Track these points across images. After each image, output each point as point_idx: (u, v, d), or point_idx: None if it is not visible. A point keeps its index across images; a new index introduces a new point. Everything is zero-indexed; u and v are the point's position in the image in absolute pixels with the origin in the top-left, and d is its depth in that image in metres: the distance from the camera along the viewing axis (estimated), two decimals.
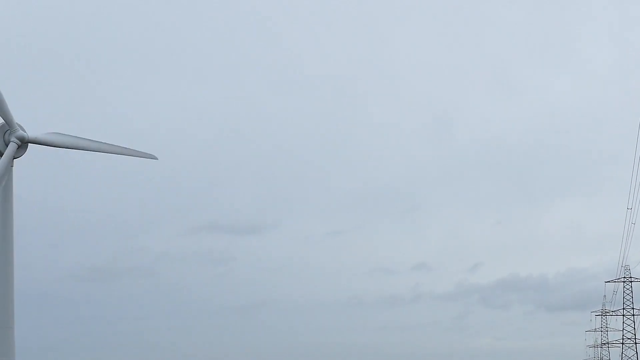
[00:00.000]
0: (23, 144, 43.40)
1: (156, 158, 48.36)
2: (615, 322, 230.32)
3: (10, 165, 42.76)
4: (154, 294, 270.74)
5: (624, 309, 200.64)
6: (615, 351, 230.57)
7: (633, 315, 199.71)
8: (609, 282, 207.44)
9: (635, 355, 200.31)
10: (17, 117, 43.72)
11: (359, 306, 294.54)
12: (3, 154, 42.70)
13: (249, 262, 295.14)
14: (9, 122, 42.62)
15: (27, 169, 45.38)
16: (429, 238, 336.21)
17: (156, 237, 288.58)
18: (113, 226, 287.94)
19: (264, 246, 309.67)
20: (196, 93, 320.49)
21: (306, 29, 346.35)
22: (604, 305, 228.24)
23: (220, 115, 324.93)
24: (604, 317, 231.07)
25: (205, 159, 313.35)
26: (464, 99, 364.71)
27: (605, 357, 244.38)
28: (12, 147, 42.86)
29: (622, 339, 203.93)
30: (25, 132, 43.55)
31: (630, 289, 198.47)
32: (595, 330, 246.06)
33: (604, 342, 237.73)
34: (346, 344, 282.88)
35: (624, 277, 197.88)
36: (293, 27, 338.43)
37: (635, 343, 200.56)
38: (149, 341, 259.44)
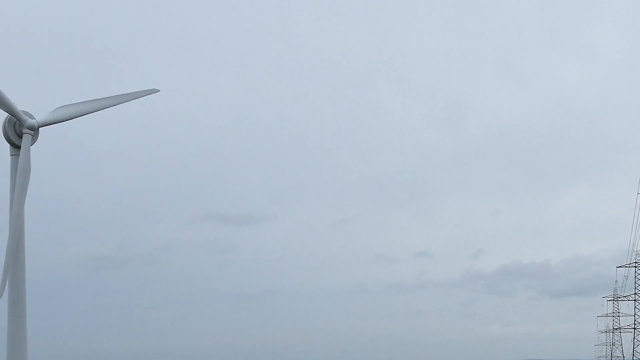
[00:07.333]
0: (34, 131, 43.80)
1: (158, 90, 48.03)
2: (627, 307, 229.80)
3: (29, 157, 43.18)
4: (158, 282, 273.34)
5: (635, 294, 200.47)
6: (627, 336, 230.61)
7: None
8: (620, 267, 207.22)
9: None
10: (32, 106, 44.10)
11: (364, 293, 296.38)
12: (20, 147, 43.15)
13: (253, 250, 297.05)
14: (15, 115, 42.95)
15: (33, 161, 45.94)
16: (436, 225, 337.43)
17: (160, 226, 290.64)
18: (118, 216, 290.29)
19: (268, 235, 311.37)
20: (204, 82, 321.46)
21: (318, 19, 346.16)
22: (615, 290, 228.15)
23: (228, 105, 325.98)
24: (615, 302, 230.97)
25: (211, 149, 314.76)
26: (474, 87, 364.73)
27: (617, 342, 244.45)
28: (27, 139, 43.06)
29: (634, 323, 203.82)
30: (34, 118, 43.85)
31: None
32: (606, 316, 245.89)
33: (616, 327, 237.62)
34: (351, 331, 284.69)
35: (636, 262, 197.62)
36: (304, 17, 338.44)
37: None
38: (152, 327, 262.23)
